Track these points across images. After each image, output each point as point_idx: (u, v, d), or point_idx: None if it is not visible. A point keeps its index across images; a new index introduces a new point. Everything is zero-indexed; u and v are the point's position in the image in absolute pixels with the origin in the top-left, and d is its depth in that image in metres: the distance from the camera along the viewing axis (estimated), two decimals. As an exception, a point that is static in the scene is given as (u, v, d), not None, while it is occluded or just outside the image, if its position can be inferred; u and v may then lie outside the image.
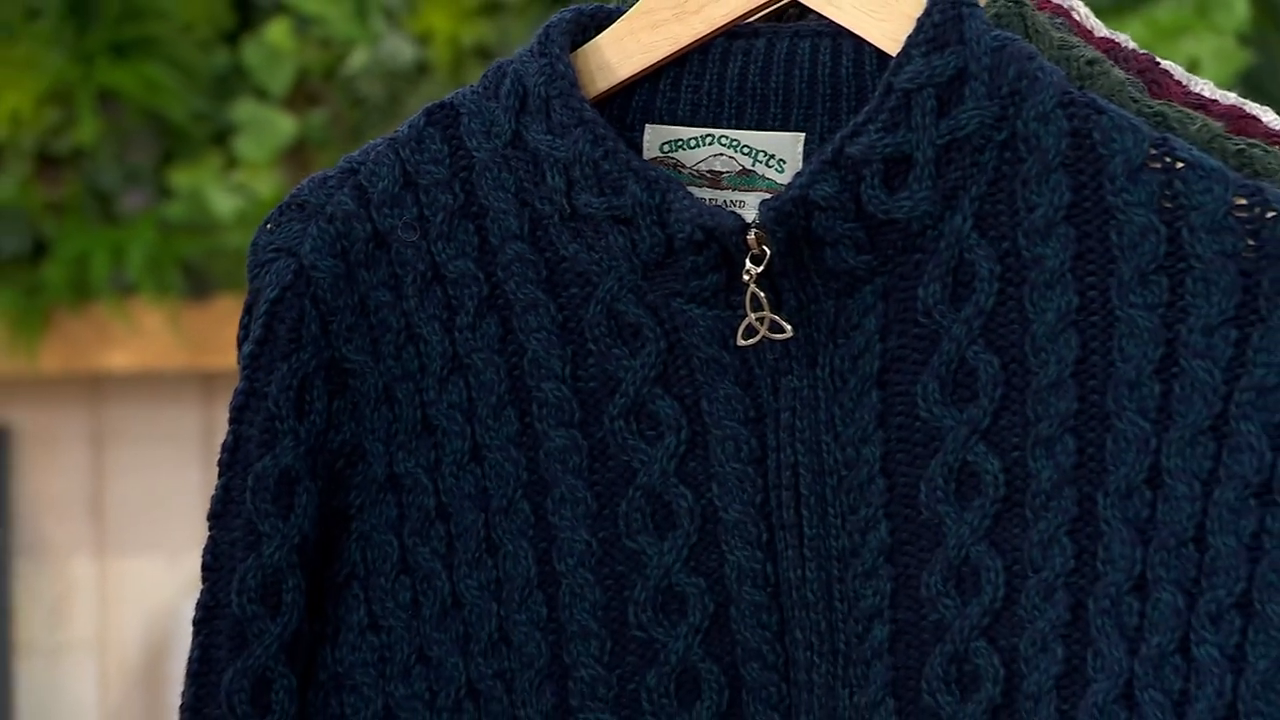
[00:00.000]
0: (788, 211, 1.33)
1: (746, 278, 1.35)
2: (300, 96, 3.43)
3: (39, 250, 3.40)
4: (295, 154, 3.32)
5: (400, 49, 3.37)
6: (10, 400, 3.52)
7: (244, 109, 3.38)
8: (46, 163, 3.42)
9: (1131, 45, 1.47)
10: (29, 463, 3.54)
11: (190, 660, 1.46)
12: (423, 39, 3.38)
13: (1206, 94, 1.44)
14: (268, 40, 3.40)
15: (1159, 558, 1.29)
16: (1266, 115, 1.43)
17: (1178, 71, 1.45)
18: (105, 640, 3.53)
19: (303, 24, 3.41)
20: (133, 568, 3.51)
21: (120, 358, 3.39)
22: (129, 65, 3.38)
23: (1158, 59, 1.46)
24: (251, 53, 3.41)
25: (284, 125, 3.33)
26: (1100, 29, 1.49)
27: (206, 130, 3.39)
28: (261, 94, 3.39)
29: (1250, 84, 3.57)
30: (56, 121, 3.38)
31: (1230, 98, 1.44)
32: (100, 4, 3.39)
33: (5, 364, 3.39)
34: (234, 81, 3.41)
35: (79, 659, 3.56)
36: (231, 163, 3.36)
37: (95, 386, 3.54)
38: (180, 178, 3.38)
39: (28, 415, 3.51)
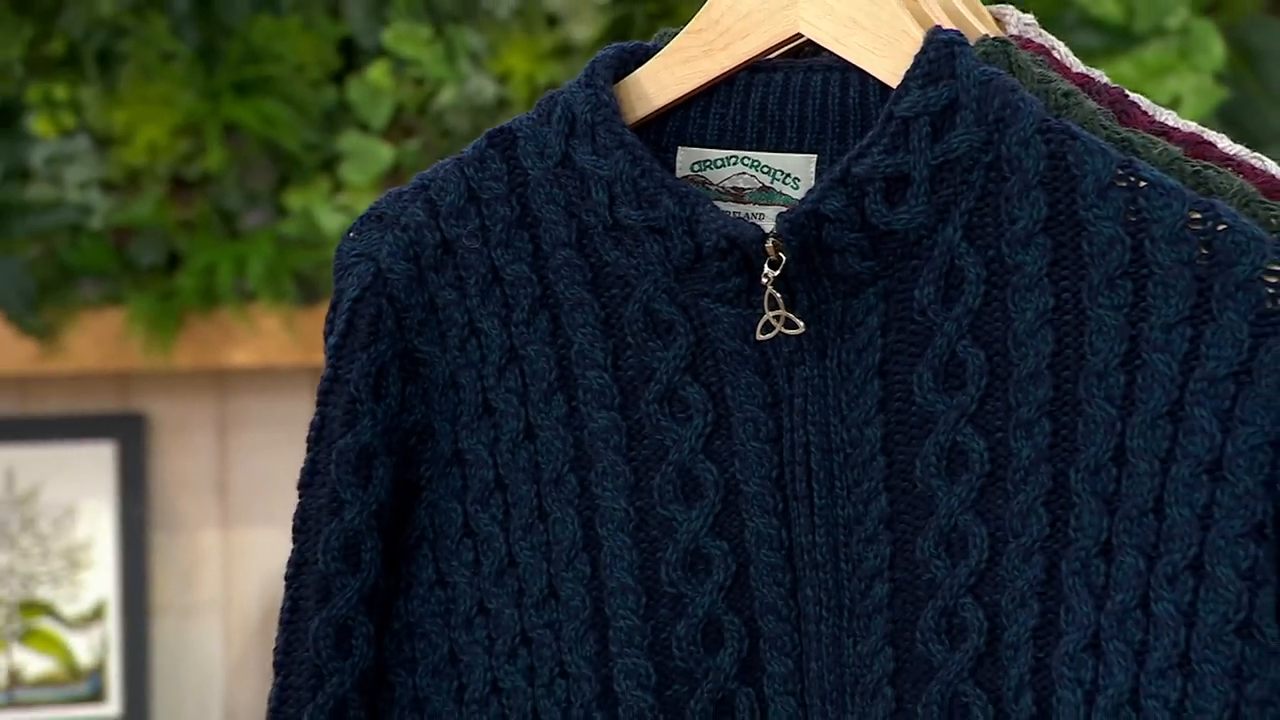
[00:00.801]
0: (801, 223, 1.33)
1: (765, 280, 1.35)
2: (397, 129, 3.42)
3: (173, 262, 3.39)
4: (392, 179, 3.31)
5: (483, 87, 3.37)
6: (148, 392, 3.52)
7: (349, 140, 3.37)
8: (179, 186, 3.41)
9: (1104, 80, 1.46)
10: (163, 447, 3.54)
11: (282, 611, 1.47)
12: (502, 78, 3.37)
13: (1169, 123, 1.43)
14: (369, 80, 3.39)
15: (1123, 526, 1.29)
16: (1221, 141, 1.42)
17: (1145, 103, 1.44)
18: (228, 601, 3.54)
19: (399, 66, 3.40)
20: (252, 538, 3.51)
21: (242, 355, 3.39)
22: (250, 102, 3.37)
23: (1127, 91, 1.45)
24: (355, 91, 3.40)
25: (383, 154, 3.32)
26: (1078, 65, 1.48)
27: (316, 158, 3.37)
28: (364, 127, 3.38)
29: (1226, 117, 3.55)
30: (188, 151, 3.37)
31: (1190, 126, 1.43)
32: (225, 48, 3.38)
33: (143, 361, 3.38)
34: (340, 116, 3.39)
35: (206, 618, 3.56)
36: (338, 186, 3.35)
37: (220, 380, 3.55)
38: (294, 199, 3.37)
39: (162, 405, 3.50)
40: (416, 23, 3.41)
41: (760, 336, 1.36)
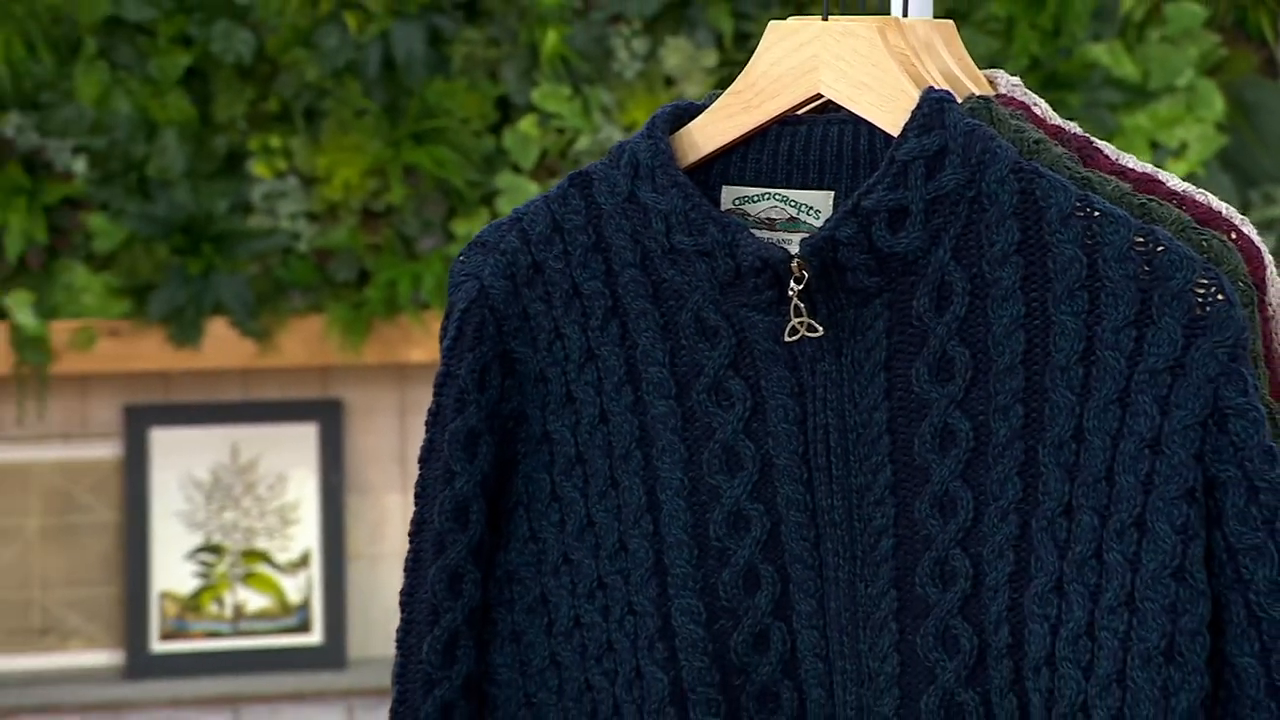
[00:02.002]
0: (820, 247, 1.34)
1: (791, 293, 1.35)
2: (543, 170, 3.43)
3: (363, 278, 3.41)
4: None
5: (613, 135, 3.37)
6: (344, 383, 3.54)
7: (504, 179, 3.37)
8: (368, 216, 3.44)
9: (1074, 130, 1.45)
10: (356, 427, 3.57)
11: (406, 561, 1.47)
12: (629, 128, 3.37)
13: (1128, 164, 1.42)
14: (521, 130, 3.40)
15: (1081, 491, 1.30)
16: (1170, 180, 1.41)
17: (1108, 149, 1.44)
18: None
19: (545, 118, 3.41)
20: (427, 500, 3.56)
21: (418, 353, 3.41)
22: (425, 148, 3.39)
23: (1091, 139, 1.44)
24: (509, 139, 3.41)
25: (531, 190, 3.34)
26: (1053, 118, 1.46)
27: (478, 194, 3.38)
28: (516, 168, 3.38)
29: (1225, 160, 3.53)
30: (375, 188, 3.39)
31: (1145, 167, 1.42)
32: (406, 106, 3.41)
33: (340, 357, 3.41)
34: (497, 160, 3.40)
35: (390, 564, 3.58)
36: (495, 216, 3.37)
37: (401, 373, 3.57)
38: (460, 227, 3.39)
39: (355, 394, 3.52)
40: (559, 84, 3.42)
41: (788, 339, 1.36)
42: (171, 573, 3.51)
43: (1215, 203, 1.40)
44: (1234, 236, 1.37)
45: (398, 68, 3.40)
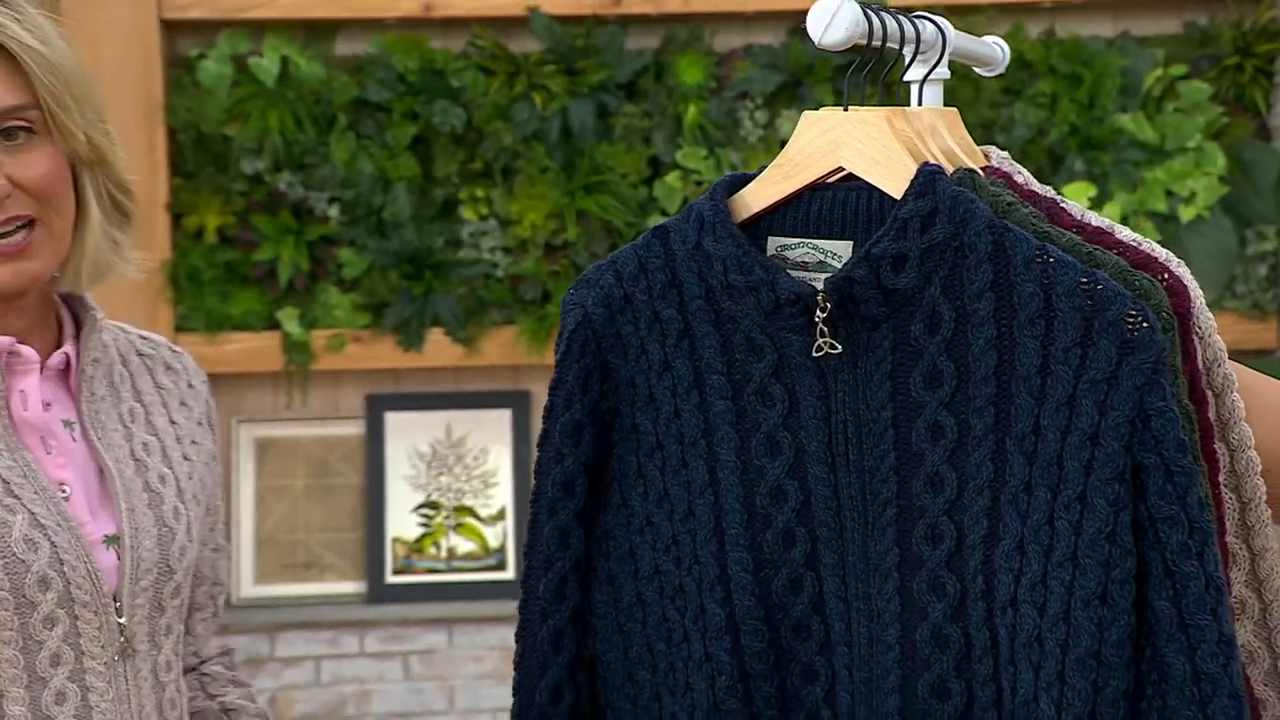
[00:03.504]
0: (840, 284, 1.35)
1: (817, 319, 1.36)
2: None
3: (545, 297, 3.40)
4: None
5: None
6: (530, 378, 3.50)
7: (653, 220, 3.34)
8: (550, 250, 3.42)
9: (1047, 193, 1.44)
10: (539, 412, 3.54)
11: (529, 524, 1.49)
12: None
13: (1089, 220, 1.40)
14: (667, 182, 3.38)
15: (1038, 473, 1.30)
16: (1120, 232, 1.39)
17: (1074, 208, 1.42)
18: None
19: (686, 173, 3.40)
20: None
21: (587, 355, 3.44)
22: (593, 197, 3.38)
23: (1060, 200, 1.43)
24: (659, 190, 3.39)
25: None
26: (1031, 184, 1.45)
27: (633, 232, 3.34)
28: (663, 212, 3.36)
29: (1226, 206, 3.48)
30: (555, 228, 3.39)
31: (1102, 221, 1.39)
32: (579, 164, 3.42)
33: (527, 359, 3.41)
34: (649, 206, 3.38)
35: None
36: None
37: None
38: None
39: (539, 386, 3.47)
40: (697, 146, 3.42)
41: (815, 354, 1.38)
42: (401, 523, 3.51)
43: (1154, 250, 1.39)
44: (1165, 276, 1.36)
45: (573, 135, 3.40)
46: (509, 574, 3.50)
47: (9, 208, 1.47)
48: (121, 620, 1.51)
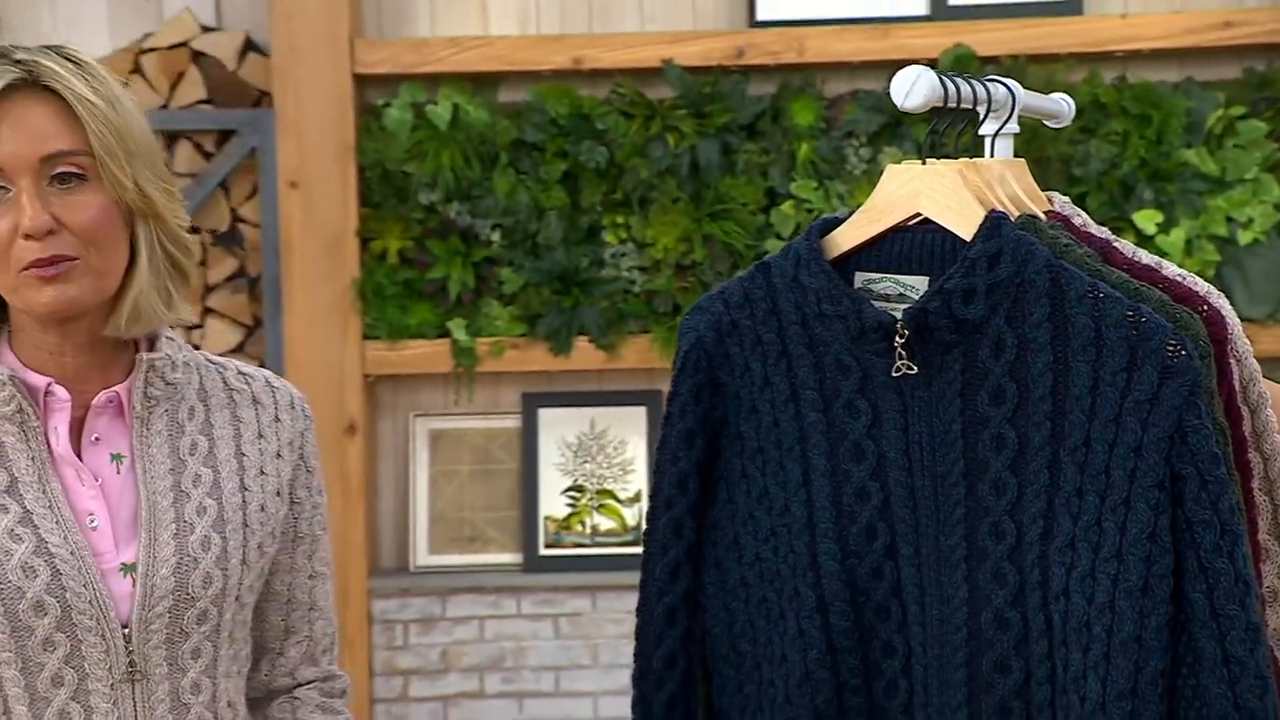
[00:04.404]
0: (917, 314, 1.35)
1: (897, 344, 1.36)
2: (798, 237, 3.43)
3: (675, 310, 3.39)
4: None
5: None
6: (662, 380, 3.42)
7: (770, 244, 3.33)
8: (680, 269, 3.40)
9: (1103, 235, 1.43)
10: None
11: (648, 516, 1.50)
12: (855, 208, 3.33)
13: (1141, 259, 1.40)
14: (782, 210, 3.36)
15: (1088, 480, 1.29)
16: (1167, 269, 1.38)
17: (1126, 247, 1.41)
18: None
19: (799, 203, 3.38)
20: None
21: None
22: (718, 223, 3.36)
23: (1113, 240, 1.42)
24: (775, 217, 3.37)
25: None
26: (1088, 225, 1.44)
27: (753, 254, 3.34)
28: (779, 236, 3.34)
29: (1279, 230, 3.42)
30: (684, 250, 3.37)
31: (1151, 259, 1.39)
32: (705, 195, 3.42)
33: (659, 363, 3.36)
34: (766, 230, 3.36)
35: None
36: None
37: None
38: None
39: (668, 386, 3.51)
40: (809, 179, 3.41)
41: (895, 374, 1.38)
42: (551, 503, 3.51)
43: (1196, 284, 1.38)
44: (1204, 308, 1.35)
45: (701, 170, 3.39)
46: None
47: (53, 245, 1.39)
48: (130, 645, 1.42)
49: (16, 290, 1.42)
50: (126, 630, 1.42)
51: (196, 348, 1.62)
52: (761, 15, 3.44)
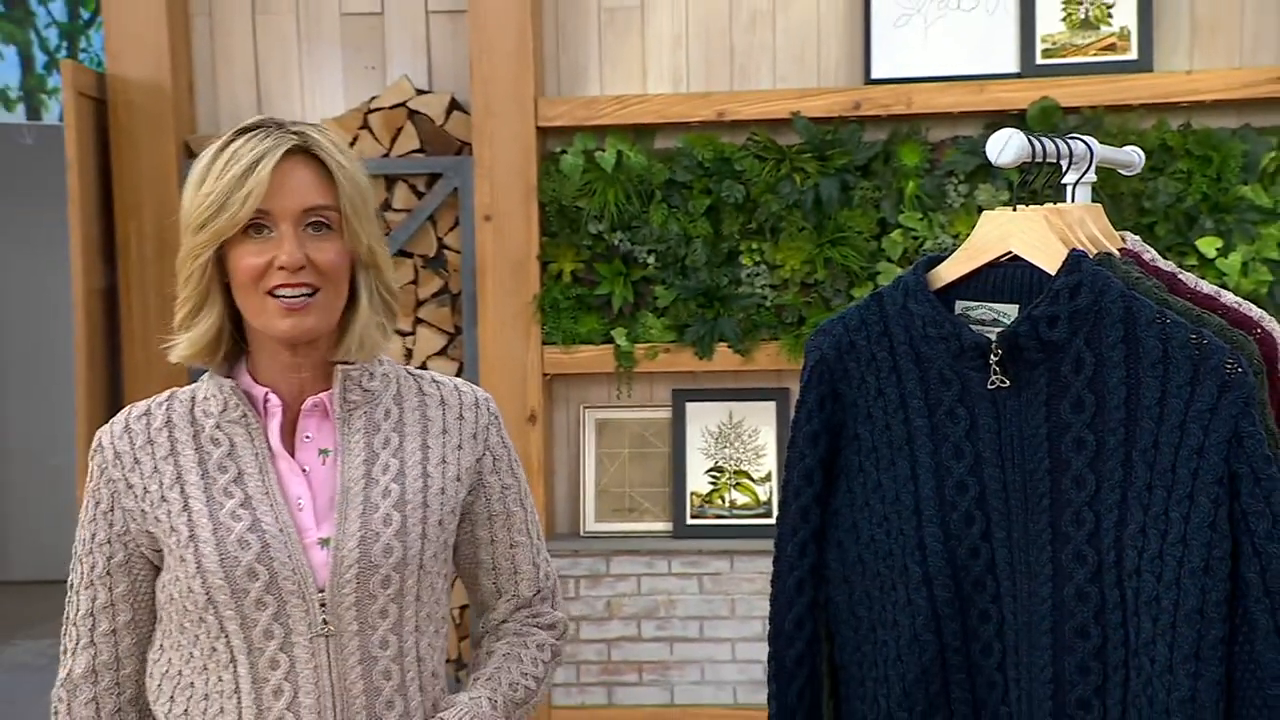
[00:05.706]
0: (1008, 337, 1.33)
1: (991, 361, 1.35)
2: (905, 260, 3.35)
3: (800, 320, 3.38)
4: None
5: (945, 242, 3.29)
6: (789, 380, 3.45)
7: (881, 266, 3.31)
8: (804, 287, 3.38)
9: (1169, 269, 1.40)
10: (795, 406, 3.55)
11: (780, 503, 1.49)
12: (955, 236, 3.26)
13: (1202, 289, 1.37)
14: (893, 237, 3.33)
15: (1156, 477, 1.27)
16: (1224, 296, 1.35)
17: (1189, 278, 1.38)
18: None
19: (907, 231, 3.36)
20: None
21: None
22: (837, 248, 3.34)
23: (1178, 273, 1.39)
24: (886, 243, 3.34)
25: (896, 273, 3.28)
26: (1156, 260, 1.42)
27: (866, 274, 3.31)
28: (889, 259, 3.32)
29: (1324, 254, 3.30)
30: (808, 270, 3.36)
31: (1210, 288, 1.37)
32: (826, 224, 3.40)
33: (788, 365, 3.38)
34: (878, 255, 3.33)
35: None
36: (876, 288, 3.31)
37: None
38: (857, 293, 3.33)
39: (796, 385, 3.42)
40: (915, 211, 3.38)
41: (989, 387, 1.36)
42: (697, 481, 3.50)
43: (1250, 310, 1.36)
44: (1258, 331, 1.33)
45: (823, 203, 3.37)
46: (773, 520, 3.47)
47: (303, 276, 1.43)
48: (325, 606, 1.43)
49: (263, 312, 1.45)
50: (323, 594, 1.43)
51: (409, 358, 1.64)
52: (876, 74, 3.41)
